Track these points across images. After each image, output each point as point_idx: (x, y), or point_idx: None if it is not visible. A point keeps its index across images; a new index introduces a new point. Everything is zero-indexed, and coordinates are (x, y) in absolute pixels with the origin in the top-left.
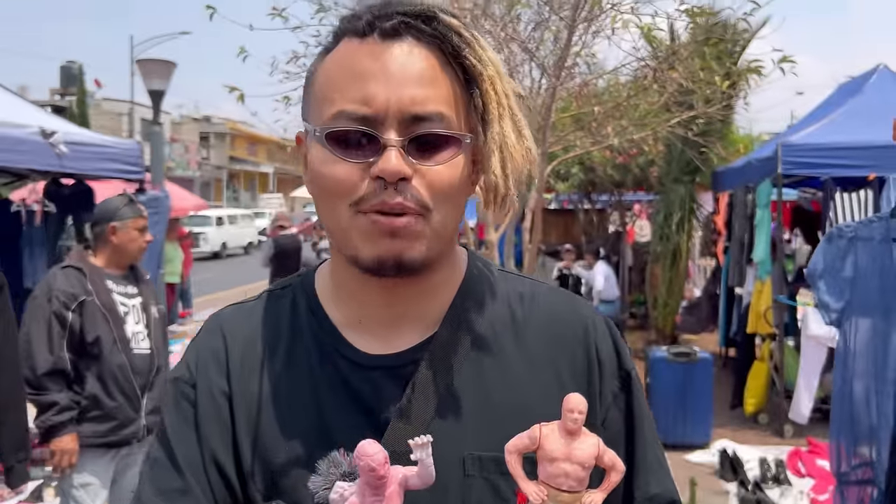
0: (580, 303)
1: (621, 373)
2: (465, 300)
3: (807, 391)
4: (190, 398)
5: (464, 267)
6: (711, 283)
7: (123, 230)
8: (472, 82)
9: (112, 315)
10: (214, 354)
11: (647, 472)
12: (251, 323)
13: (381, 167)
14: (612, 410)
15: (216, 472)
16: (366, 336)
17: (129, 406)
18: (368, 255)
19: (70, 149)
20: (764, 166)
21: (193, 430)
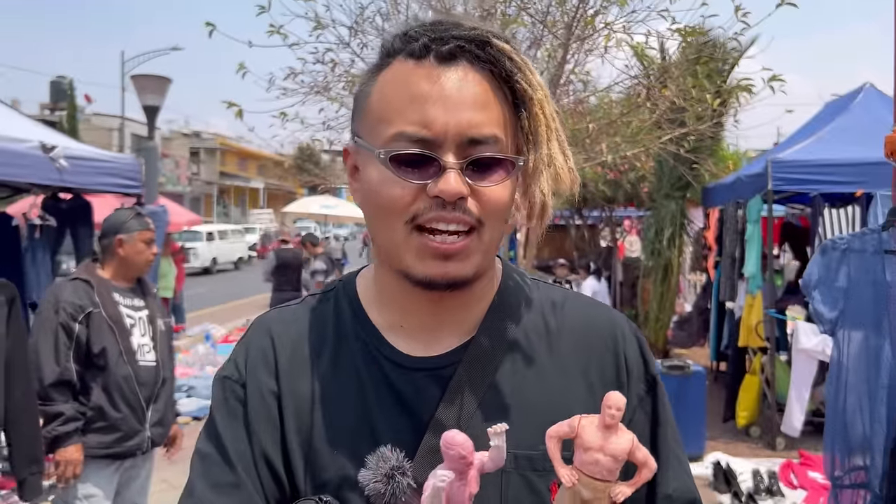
0: (610, 311)
1: (647, 377)
2: (501, 307)
3: (798, 404)
4: (240, 396)
5: (500, 276)
6: (702, 298)
7: (130, 243)
8: (521, 105)
9: (118, 327)
10: (263, 354)
11: (668, 471)
12: (297, 325)
13: (441, 188)
14: (638, 413)
15: (266, 468)
16: (407, 340)
17: (133, 418)
18: (421, 273)
19: (70, 163)
20: (754, 182)
21: (243, 427)
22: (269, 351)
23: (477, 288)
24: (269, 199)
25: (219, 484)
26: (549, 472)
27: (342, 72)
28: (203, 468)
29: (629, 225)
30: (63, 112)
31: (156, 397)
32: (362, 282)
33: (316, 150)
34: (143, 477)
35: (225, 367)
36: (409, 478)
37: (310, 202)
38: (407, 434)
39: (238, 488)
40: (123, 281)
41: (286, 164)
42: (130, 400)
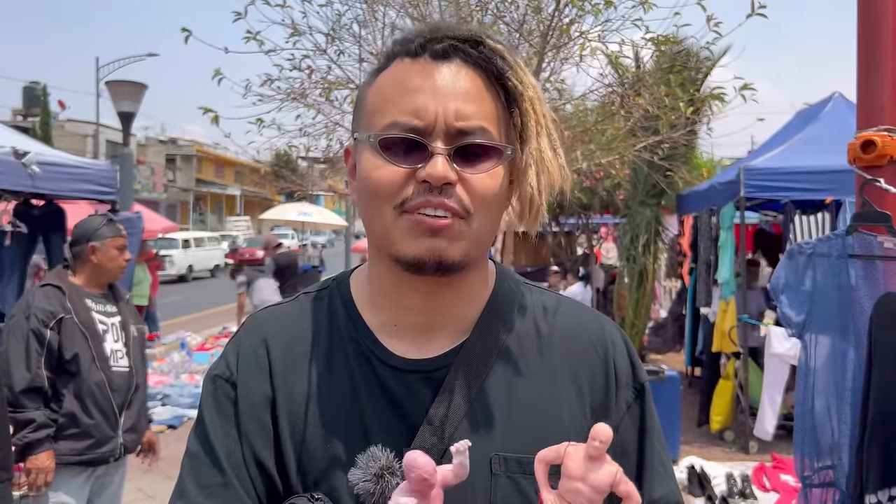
0: (601, 319)
1: (636, 384)
2: (494, 310)
3: (770, 408)
4: (230, 396)
5: (493, 279)
6: (677, 304)
7: (103, 249)
8: (513, 103)
9: (91, 333)
10: (255, 354)
11: (654, 477)
12: (290, 324)
13: (428, 171)
14: (626, 419)
15: (256, 468)
16: (401, 341)
17: (106, 424)
18: (410, 252)
19: (43, 169)
20: (727, 189)
21: (234, 427)
22: (261, 352)
23: (469, 286)
24: (245, 206)
25: (208, 485)
26: None
27: (319, 78)
28: (192, 468)
29: (605, 232)
30: (36, 118)
31: (129, 403)
32: (356, 281)
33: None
34: (115, 484)
35: (216, 365)
36: (399, 477)
37: (287, 209)
38: (398, 435)
39: (227, 488)
40: (96, 287)
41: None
42: (103, 406)
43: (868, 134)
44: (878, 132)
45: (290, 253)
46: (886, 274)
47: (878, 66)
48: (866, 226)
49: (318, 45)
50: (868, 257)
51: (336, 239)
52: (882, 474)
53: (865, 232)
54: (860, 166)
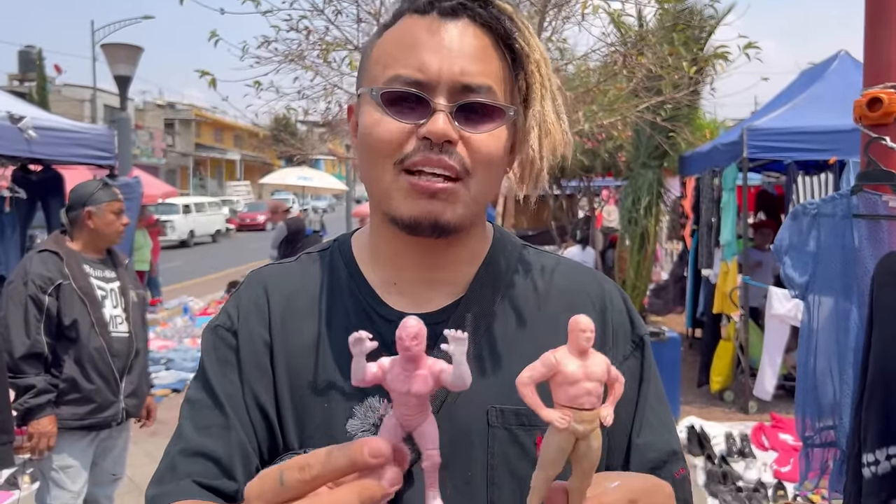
0: (599, 277)
1: (634, 337)
2: (491, 268)
3: (770, 368)
4: (231, 344)
5: (491, 238)
6: (678, 266)
7: (99, 214)
8: (519, 65)
9: (89, 299)
10: (257, 306)
11: (643, 426)
12: (291, 280)
13: (428, 128)
14: (622, 369)
15: (258, 413)
16: (400, 297)
17: (107, 389)
18: (406, 213)
19: (39, 134)
20: (730, 150)
21: (236, 373)
22: (262, 302)
23: (467, 245)
24: (245, 171)
25: (208, 426)
26: (535, 426)
27: (316, 39)
28: (191, 412)
29: (607, 195)
30: (32, 83)
31: (129, 368)
32: (358, 241)
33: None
34: (119, 448)
35: (216, 317)
36: None
37: (287, 173)
38: None
39: (228, 430)
40: (93, 252)
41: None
42: (103, 371)
43: (875, 91)
44: (884, 89)
45: (298, 218)
46: (891, 233)
47: (886, 22)
48: (871, 185)
49: (316, 6)
50: (872, 217)
51: (337, 204)
52: (880, 433)
53: (870, 191)
54: (866, 124)
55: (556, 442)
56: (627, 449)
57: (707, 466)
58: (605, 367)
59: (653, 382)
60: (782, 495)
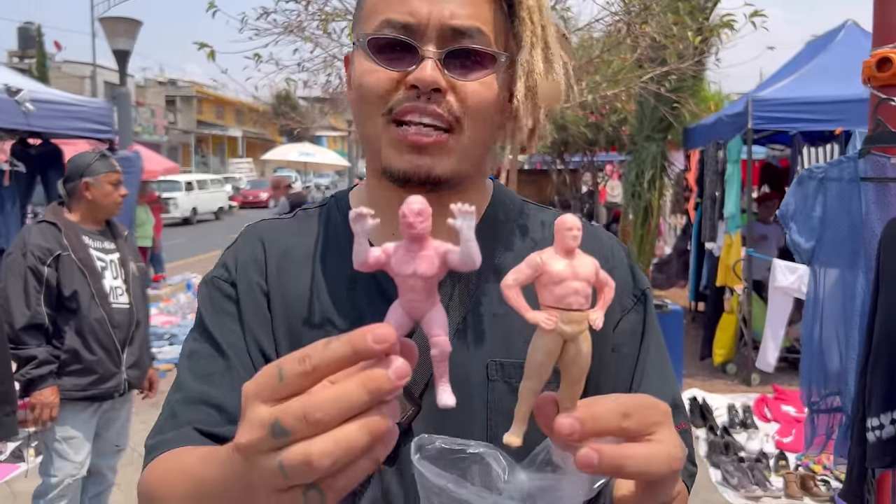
0: (599, 231)
1: (636, 291)
2: (490, 222)
3: (773, 341)
4: (230, 294)
5: (490, 193)
6: (682, 240)
7: (97, 185)
8: (513, 11)
9: (89, 270)
10: (253, 257)
11: (643, 380)
12: (288, 234)
13: (416, 76)
14: (623, 323)
15: (262, 359)
16: None
17: (109, 360)
18: (397, 167)
19: (37, 107)
20: (734, 122)
21: (237, 322)
22: (259, 254)
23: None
24: (248, 148)
25: (210, 374)
26: None
27: (316, 10)
28: (191, 363)
29: (611, 169)
30: (32, 60)
31: (131, 339)
32: (355, 195)
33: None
34: (122, 419)
35: (212, 271)
36: None
37: (289, 149)
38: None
39: (230, 376)
40: (92, 224)
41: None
42: (105, 342)
43: (884, 51)
44: (894, 49)
45: (301, 194)
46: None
47: None
48: (879, 147)
49: None
50: (881, 180)
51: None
52: (885, 397)
53: (878, 154)
54: (875, 85)
55: (543, 345)
56: None
57: (709, 437)
58: (593, 268)
59: (654, 336)
60: (784, 465)
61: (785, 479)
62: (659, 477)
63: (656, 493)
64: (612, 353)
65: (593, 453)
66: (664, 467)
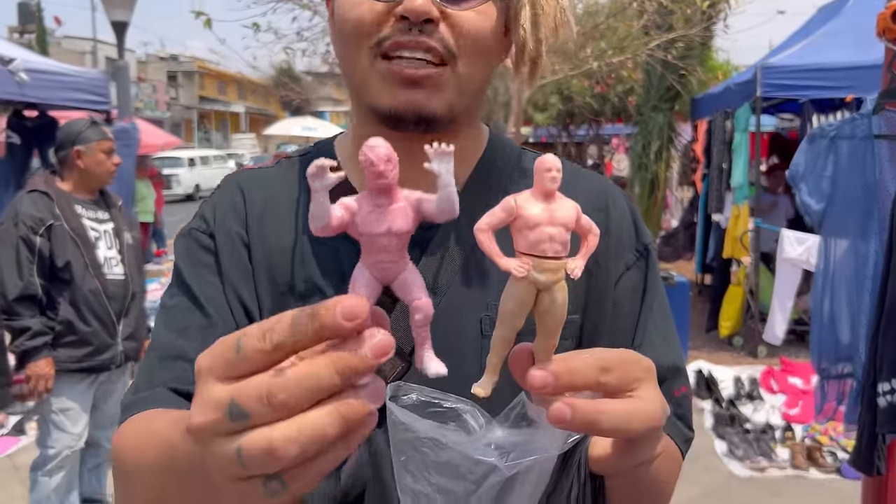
0: (603, 180)
1: (638, 246)
2: (486, 170)
3: (781, 313)
4: (209, 246)
5: (485, 139)
6: (689, 212)
7: (89, 154)
8: None
9: (82, 240)
10: (233, 207)
11: (644, 341)
12: (269, 185)
13: (405, 6)
14: (624, 279)
15: (242, 312)
16: None
17: (104, 331)
18: (385, 103)
19: (31, 77)
20: (743, 90)
21: (215, 275)
22: (238, 204)
23: (460, 143)
24: (250, 124)
25: (186, 328)
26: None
27: None
28: (167, 318)
29: (617, 143)
30: (32, 35)
31: (126, 311)
32: (341, 142)
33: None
34: (119, 391)
35: (190, 222)
36: None
37: (291, 124)
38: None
39: (209, 329)
40: (85, 193)
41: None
42: (100, 313)
43: None
44: None
45: None
46: None
47: None
48: (894, 104)
49: None
50: (895, 137)
51: None
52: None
53: (893, 110)
54: (889, 38)
55: (515, 293)
56: None
57: (715, 409)
58: (573, 213)
59: (657, 295)
60: (790, 437)
61: (791, 450)
62: (637, 435)
63: (635, 453)
64: (612, 310)
65: (566, 408)
66: (643, 425)
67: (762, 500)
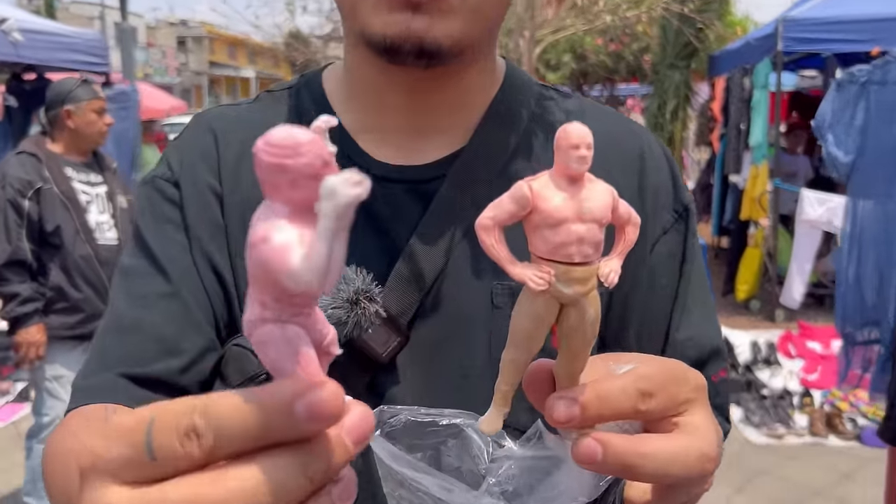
0: (637, 128)
1: (677, 206)
2: (500, 111)
3: (799, 276)
4: (172, 197)
5: (502, 75)
6: (706, 174)
7: (79, 113)
8: None
9: (72, 203)
10: (203, 152)
11: (683, 315)
12: (247, 125)
13: None
14: (661, 245)
15: (212, 275)
16: (384, 146)
17: (97, 298)
18: (380, 30)
19: (28, 38)
20: (763, 45)
21: (181, 231)
22: (209, 148)
23: (469, 79)
24: (261, 89)
25: (144, 295)
26: None
27: None
28: (124, 283)
29: (632, 103)
30: (40, 1)
31: None
32: (331, 76)
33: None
34: None
35: (153, 170)
36: (378, 304)
37: None
38: (378, 257)
39: (170, 297)
40: (76, 155)
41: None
42: (92, 279)
43: None
44: None
45: None
46: None
47: None
48: None
49: None
50: None
51: None
52: None
53: None
54: None
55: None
56: (664, 343)
57: (730, 375)
58: (608, 200)
59: (696, 264)
60: (809, 403)
61: (809, 416)
62: (685, 480)
63: (678, 496)
64: (646, 282)
65: (596, 446)
66: (692, 469)
67: (779, 467)
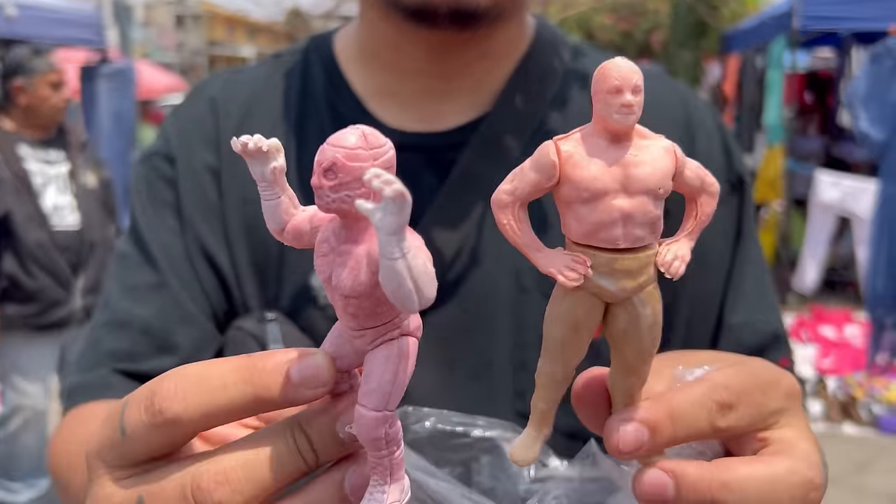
0: (681, 87)
1: (731, 176)
2: (531, 74)
3: (813, 260)
4: (167, 175)
5: (531, 32)
6: None
7: (31, 88)
8: None
9: (24, 186)
10: (200, 124)
11: (738, 298)
12: (250, 92)
13: None
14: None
15: (205, 264)
16: (399, 110)
17: (56, 285)
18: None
19: (21, 12)
20: (778, 23)
21: (174, 215)
22: (207, 119)
23: (498, 40)
24: None
25: (135, 286)
26: None
27: None
28: (120, 271)
29: None
30: None
31: (85, 263)
32: (343, 37)
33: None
34: None
35: (152, 143)
36: None
37: None
38: None
39: (160, 290)
40: (34, 132)
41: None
42: (49, 267)
43: None
44: None
45: None
46: None
47: None
48: None
49: None
50: None
51: None
52: None
53: None
54: None
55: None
56: (716, 328)
57: None
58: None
59: (753, 242)
60: (822, 390)
61: (824, 403)
62: None
63: None
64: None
65: (666, 479)
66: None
67: None
